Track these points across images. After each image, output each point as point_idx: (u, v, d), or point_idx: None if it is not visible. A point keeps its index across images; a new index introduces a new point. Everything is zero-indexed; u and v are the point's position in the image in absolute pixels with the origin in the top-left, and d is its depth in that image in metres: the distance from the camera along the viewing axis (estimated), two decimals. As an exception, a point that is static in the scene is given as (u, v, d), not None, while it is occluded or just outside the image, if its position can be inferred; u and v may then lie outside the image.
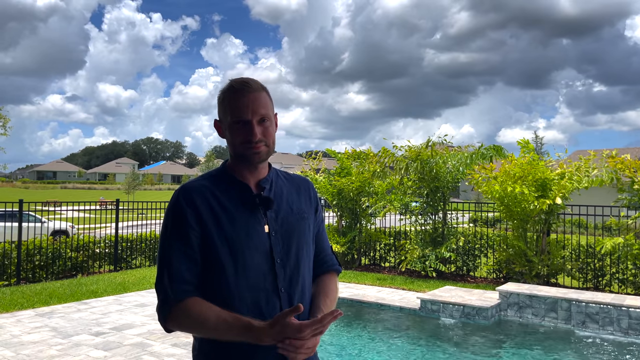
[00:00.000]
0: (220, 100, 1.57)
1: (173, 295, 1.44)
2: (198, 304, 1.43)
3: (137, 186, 53.52)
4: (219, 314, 1.40)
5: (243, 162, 1.56)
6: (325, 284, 1.68)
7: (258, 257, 1.50)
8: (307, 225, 1.64)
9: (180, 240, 1.48)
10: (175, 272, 1.45)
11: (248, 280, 1.48)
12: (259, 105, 1.52)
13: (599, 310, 6.47)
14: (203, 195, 1.52)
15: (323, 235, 1.75)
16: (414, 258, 9.96)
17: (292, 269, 1.55)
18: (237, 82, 1.55)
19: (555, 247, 9.15)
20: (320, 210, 1.75)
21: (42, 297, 7.82)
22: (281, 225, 1.56)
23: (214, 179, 1.58)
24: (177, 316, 1.44)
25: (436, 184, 10.36)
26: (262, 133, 1.52)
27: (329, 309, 1.56)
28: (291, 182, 1.69)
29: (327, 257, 1.74)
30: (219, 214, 1.50)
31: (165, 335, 5.83)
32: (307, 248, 1.62)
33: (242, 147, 1.52)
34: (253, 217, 1.53)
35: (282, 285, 1.52)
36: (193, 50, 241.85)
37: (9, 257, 9.20)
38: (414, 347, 6.07)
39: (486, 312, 6.85)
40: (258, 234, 1.51)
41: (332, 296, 1.65)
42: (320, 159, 13.72)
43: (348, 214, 11.71)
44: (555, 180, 9.02)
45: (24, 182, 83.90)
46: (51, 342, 5.55)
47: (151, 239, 11.84)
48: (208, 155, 67.69)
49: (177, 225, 1.49)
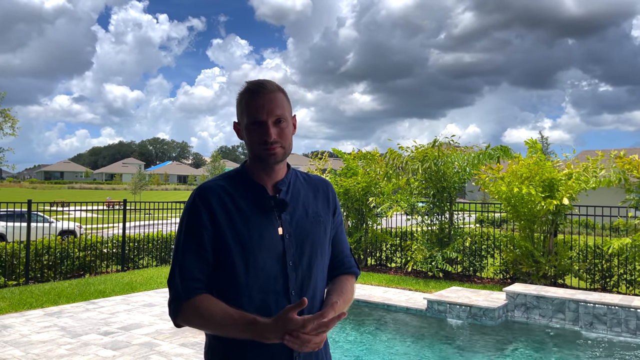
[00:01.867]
0: (238, 102, 1.58)
1: (183, 292, 1.47)
2: (206, 301, 1.46)
3: (143, 186, 53.69)
4: (226, 310, 1.42)
5: (260, 163, 1.56)
6: (342, 283, 1.66)
7: (270, 259, 1.50)
8: (323, 228, 1.62)
9: (194, 240, 1.51)
10: (186, 270, 1.49)
11: (258, 281, 1.49)
12: (275, 106, 1.52)
13: (606, 311, 6.45)
14: (219, 195, 1.53)
15: (342, 237, 1.73)
16: (421, 259, 9.95)
17: (304, 272, 1.54)
18: (253, 83, 1.55)
19: (563, 247, 9.12)
20: (339, 213, 1.73)
21: (50, 297, 7.87)
22: (295, 228, 1.56)
23: (231, 179, 1.60)
24: (186, 312, 1.47)
25: (443, 184, 10.34)
26: (277, 134, 1.52)
27: (340, 308, 1.53)
28: (309, 183, 1.68)
29: (346, 259, 1.72)
30: (234, 214, 1.51)
31: (173, 335, 5.86)
32: (322, 252, 1.61)
33: (258, 148, 1.53)
34: (267, 219, 1.53)
35: (293, 288, 1.52)
36: (199, 50, 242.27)
37: (17, 257, 9.27)
38: (420, 347, 6.07)
39: (493, 312, 6.84)
40: (271, 236, 1.52)
41: (347, 296, 1.62)
42: (327, 159, 13.75)
43: (354, 215, 11.72)
44: (563, 180, 8.99)
45: (31, 182, 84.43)
46: (60, 341, 5.59)
47: (158, 239, 11.89)
48: (214, 156, 67.74)
49: (191, 224, 1.52)
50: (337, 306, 1.45)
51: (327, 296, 1.60)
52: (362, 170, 11.72)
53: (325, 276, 1.64)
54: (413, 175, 10.58)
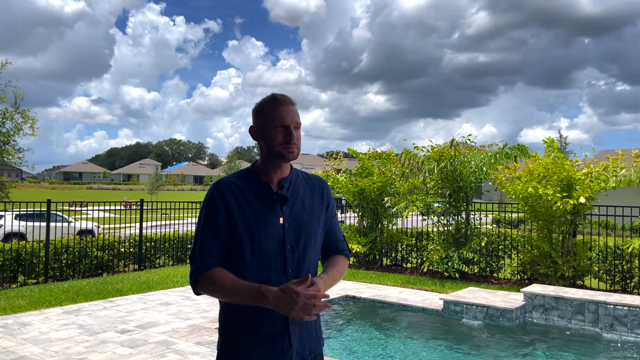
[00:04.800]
0: (259, 109, 1.91)
1: (202, 265, 1.80)
2: (219, 273, 1.78)
3: (160, 187, 54.23)
4: (235, 280, 1.75)
5: (277, 160, 1.88)
6: (334, 260, 2.00)
7: (272, 243, 1.83)
8: (317, 220, 1.96)
9: (211, 225, 1.84)
10: (205, 248, 1.82)
11: (262, 260, 1.82)
12: (296, 115, 1.89)
13: (627, 312, 6.33)
14: (232, 190, 1.86)
15: (335, 227, 2.07)
16: (437, 259, 9.87)
17: (300, 254, 1.88)
18: (279, 95, 1.90)
19: (582, 248, 8.97)
20: (332, 207, 2.06)
21: (69, 295, 7.98)
22: (294, 218, 1.88)
23: (243, 177, 1.92)
24: (203, 282, 1.79)
25: (459, 184, 10.25)
26: (296, 138, 1.87)
27: (333, 277, 1.89)
28: (308, 182, 2.00)
29: (339, 243, 2.07)
30: (244, 206, 1.84)
31: (189, 333, 5.90)
32: (315, 238, 1.94)
33: (280, 147, 1.85)
34: (271, 211, 1.86)
35: (290, 266, 1.85)
36: (215, 52, 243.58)
37: (37, 256, 9.42)
38: (437, 348, 6.02)
39: (511, 313, 6.75)
40: (274, 225, 1.85)
41: (339, 268, 1.96)
42: (341, 159, 13.72)
43: (369, 215, 11.67)
44: (581, 179, 8.84)
45: (50, 183, 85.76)
46: (78, 339, 5.66)
47: (174, 238, 11.98)
48: (230, 156, 68.21)
49: (209, 212, 1.85)
50: (331, 276, 1.88)
51: (325, 268, 1.95)
52: (377, 170, 11.67)
53: (317, 258, 1.98)
54: (429, 175, 10.50)
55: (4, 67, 18.38)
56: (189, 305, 7.40)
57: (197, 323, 6.40)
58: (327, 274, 1.88)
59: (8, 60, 18.48)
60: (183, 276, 9.93)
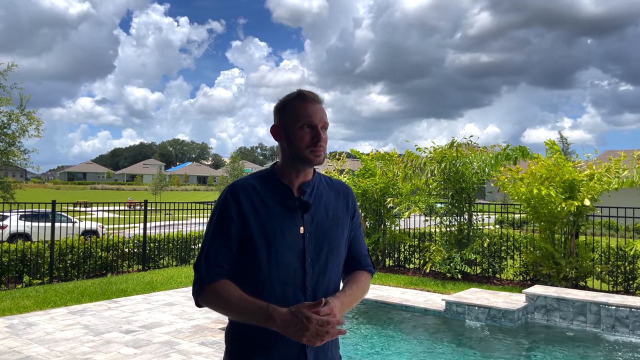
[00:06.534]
0: (283, 106, 1.69)
1: (207, 276, 1.61)
2: (225, 286, 1.59)
3: (163, 187, 54.37)
4: (241, 295, 1.55)
5: (302, 164, 1.67)
6: (356, 276, 1.78)
7: (291, 254, 1.62)
8: (341, 230, 1.74)
9: (221, 231, 1.64)
10: (211, 257, 1.62)
11: (279, 273, 1.61)
12: (324, 115, 1.69)
13: (629, 314, 6.34)
14: (248, 194, 1.66)
15: (360, 238, 1.85)
16: (439, 260, 9.90)
17: (321, 268, 1.66)
18: (306, 92, 1.69)
19: (584, 249, 8.98)
20: (358, 216, 1.84)
21: (74, 295, 8.04)
22: (315, 228, 1.67)
23: (262, 179, 1.71)
24: (206, 294, 1.61)
25: (461, 185, 10.28)
26: (324, 140, 1.67)
27: (353, 295, 1.68)
28: (332, 187, 1.79)
29: (362, 258, 1.84)
30: (261, 212, 1.64)
31: (193, 334, 5.95)
32: (337, 251, 1.72)
33: (307, 150, 1.65)
34: (291, 218, 1.65)
35: (309, 282, 1.64)
36: (218, 53, 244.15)
37: (42, 257, 9.49)
38: (438, 349, 6.05)
39: (512, 314, 6.78)
40: (293, 234, 1.64)
41: (360, 285, 1.74)
42: (344, 160, 13.75)
43: (372, 215, 11.71)
44: (584, 181, 8.86)
45: (55, 183, 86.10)
46: (83, 339, 5.72)
47: (178, 239, 12.05)
48: (233, 157, 68.15)
49: (221, 217, 1.65)
50: (351, 295, 1.67)
51: (344, 285, 1.73)
52: (380, 171, 11.71)
53: (339, 273, 1.76)
54: (431, 176, 10.52)
55: (9, 69, 18.48)
56: (192, 306, 7.45)
57: (201, 323, 6.45)
58: (345, 293, 1.66)
59: (14, 62, 18.56)
60: (187, 276, 9.99)
